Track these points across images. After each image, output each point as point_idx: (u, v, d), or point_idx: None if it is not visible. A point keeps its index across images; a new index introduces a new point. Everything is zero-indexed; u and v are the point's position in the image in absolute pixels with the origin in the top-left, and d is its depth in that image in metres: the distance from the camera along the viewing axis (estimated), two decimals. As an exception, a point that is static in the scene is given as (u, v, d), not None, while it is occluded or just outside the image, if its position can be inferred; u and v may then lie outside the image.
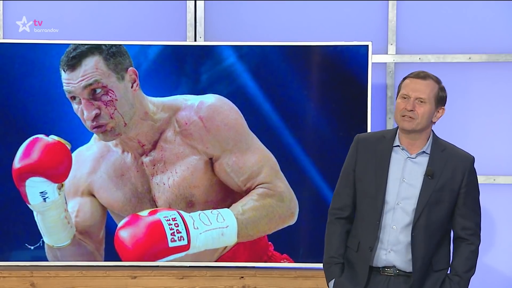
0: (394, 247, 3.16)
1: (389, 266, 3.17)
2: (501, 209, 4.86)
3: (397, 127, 3.25)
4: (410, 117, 3.13)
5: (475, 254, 3.22)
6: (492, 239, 4.86)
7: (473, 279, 3.29)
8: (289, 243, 4.62)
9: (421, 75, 3.18)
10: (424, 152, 3.19)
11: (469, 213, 3.19)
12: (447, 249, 3.22)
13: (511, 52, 4.82)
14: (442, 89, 3.21)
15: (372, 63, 4.54)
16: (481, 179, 4.82)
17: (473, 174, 3.23)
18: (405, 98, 3.16)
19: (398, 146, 3.20)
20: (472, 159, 3.23)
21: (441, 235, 3.19)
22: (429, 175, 3.14)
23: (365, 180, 3.20)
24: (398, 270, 3.17)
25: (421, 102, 3.14)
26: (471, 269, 3.22)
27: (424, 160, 3.18)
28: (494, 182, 4.83)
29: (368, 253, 3.17)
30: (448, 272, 3.24)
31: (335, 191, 3.33)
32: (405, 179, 3.16)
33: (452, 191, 3.17)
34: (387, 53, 4.86)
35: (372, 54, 4.58)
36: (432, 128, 3.25)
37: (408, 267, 3.16)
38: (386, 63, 4.86)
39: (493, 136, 4.85)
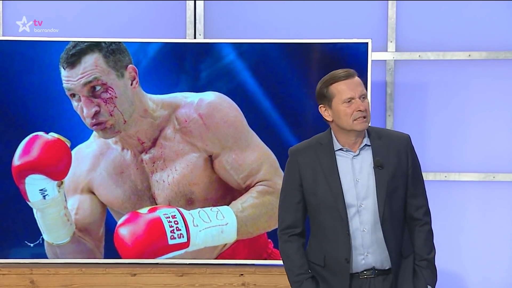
0: (369, 249, 3.09)
1: (368, 269, 3.11)
2: (500, 207, 4.86)
3: (328, 130, 3.16)
4: (364, 117, 3.06)
5: (431, 233, 3.17)
6: (492, 236, 4.86)
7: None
8: (288, 240, 4.61)
9: (351, 74, 3.10)
10: (365, 145, 3.12)
11: (418, 191, 3.15)
12: (408, 234, 3.17)
13: (511, 50, 4.82)
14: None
15: (371, 60, 4.54)
16: (480, 176, 4.83)
17: (413, 151, 3.17)
18: (350, 101, 3.06)
19: (341, 149, 3.12)
20: (408, 137, 3.17)
21: (403, 221, 3.16)
22: (378, 165, 3.08)
23: (320, 192, 3.11)
24: (377, 270, 3.10)
25: (364, 98, 3.08)
26: (433, 249, 3.17)
27: (368, 153, 3.11)
28: (494, 179, 4.83)
29: (345, 265, 3.08)
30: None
31: (281, 210, 3.21)
32: (358, 178, 3.09)
33: (403, 174, 3.11)
34: (386, 51, 4.86)
35: (372, 51, 4.58)
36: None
37: (385, 265, 3.11)
38: (385, 60, 4.86)
39: (493, 134, 4.85)
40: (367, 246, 3.10)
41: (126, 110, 4.47)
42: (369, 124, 3.11)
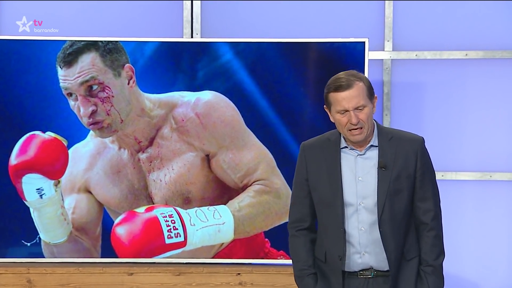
0: (367, 249, 3.08)
1: (365, 268, 3.10)
2: (497, 206, 4.87)
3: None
4: (359, 129, 3.04)
5: (439, 238, 3.13)
6: (488, 235, 4.86)
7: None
8: (285, 239, 4.59)
9: (345, 85, 3.03)
10: (372, 145, 3.11)
11: (427, 195, 3.11)
12: (414, 236, 3.14)
13: (508, 49, 4.82)
14: (366, 81, 3.09)
15: (368, 59, 4.53)
16: (477, 176, 4.84)
17: (425, 154, 3.14)
18: (344, 113, 3.05)
19: (346, 147, 3.12)
20: (421, 140, 3.14)
21: (407, 223, 3.12)
22: (382, 166, 3.07)
23: (320, 188, 3.12)
24: (376, 271, 3.09)
25: (361, 109, 3.03)
26: (440, 254, 3.12)
27: (374, 153, 3.10)
28: (491, 178, 4.84)
29: (338, 262, 3.08)
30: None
31: (290, 204, 3.24)
32: (360, 177, 3.09)
33: (409, 177, 3.09)
34: (383, 50, 4.86)
35: (369, 50, 4.58)
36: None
37: (384, 266, 3.09)
38: (382, 59, 4.86)
39: (490, 133, 4.85)
40: (365, 245, 3.09)
41: (123, 109, 4.47)
42: (367, 133, 3.06)
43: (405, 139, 3.14)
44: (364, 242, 3.09)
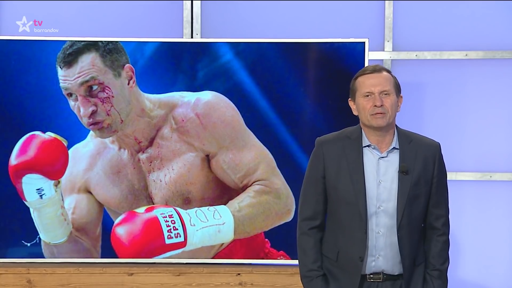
0: (381, 252, 3.08)
1: (376, 272, 3.10)
2: (497, 206, 4.87)
3: (358, 125, 3.15)
4: (381, 113, 3.05)
5: (447, 244, 3.16)
6: (489, 236, 4.86)
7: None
8: (285, 240, 4.62)
9: (377, 69, 3.10)
10: (394, 148, 3.10)
11: (441, 200, 3.14)
12: (422, 242, 3.16)
13: (508, 49, 4.82)
14: (394, 77, 3.15)
15: (368, 60, 4.54)
16: (477, 176, 4.84)
17: (441, 160, 3.16)
18: (368, 96, 3.06)
19: (369, 146, 3.10)
20: (438, 146, 3.16)
21: (421, 229, 3.14)
22: (403, 171, 3.06)
23: (341, 187, 3.09)
24: (386, 275, 3.09)
25: (386, 94, 3.06)
26: (447, 260, 3.16)
27: (395, 156, 3.09)
28: (491, 179, 4.84)
29: (359, 263, 3.07)
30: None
31: (302, 200, 3.19)
32: (382, 180, 3.07)
33: (427, 182, 3.10)
34: (383, 50, 4.86)
35: (369, 51, 4.58)
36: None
37: (396, 270, 3.09)
38: (382, 60, 4.86)
39: (490, 133, 4.85)
40: (380, 249, 3.08)
41: (123, 109, 4.47)
42: (389, 121, 3.07)
43: (424, 144, 3.14)
44: (380, 245, 3.08)
